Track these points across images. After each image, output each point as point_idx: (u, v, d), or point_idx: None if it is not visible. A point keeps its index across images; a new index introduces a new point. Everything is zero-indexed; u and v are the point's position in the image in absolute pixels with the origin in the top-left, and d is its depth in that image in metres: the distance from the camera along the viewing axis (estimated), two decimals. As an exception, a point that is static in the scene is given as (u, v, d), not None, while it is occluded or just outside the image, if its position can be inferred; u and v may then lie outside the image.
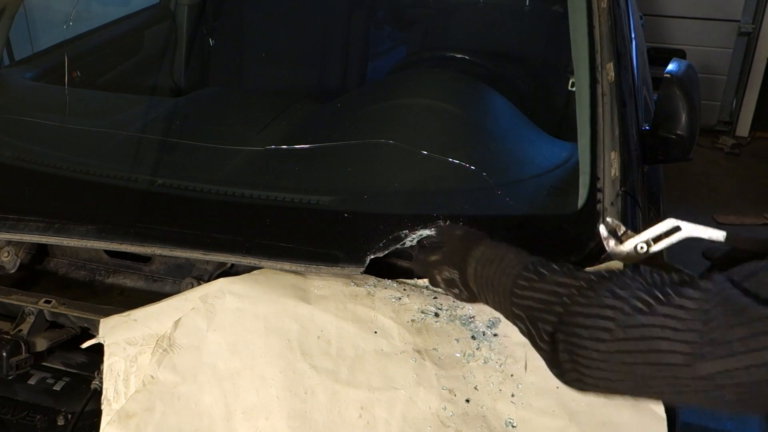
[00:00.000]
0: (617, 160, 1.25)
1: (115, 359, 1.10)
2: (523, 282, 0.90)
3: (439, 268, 1.05)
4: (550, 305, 0.85)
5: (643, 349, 0.74)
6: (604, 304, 0.79)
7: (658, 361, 0.72)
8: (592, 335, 0.79)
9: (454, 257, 1.03)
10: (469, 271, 0.99)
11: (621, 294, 0.78)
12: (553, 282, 0.86)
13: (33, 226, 1.28)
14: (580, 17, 1.35)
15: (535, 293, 0.87)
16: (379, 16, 2.60)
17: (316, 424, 1.01)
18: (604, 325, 0.78)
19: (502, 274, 0.93)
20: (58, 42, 2.06)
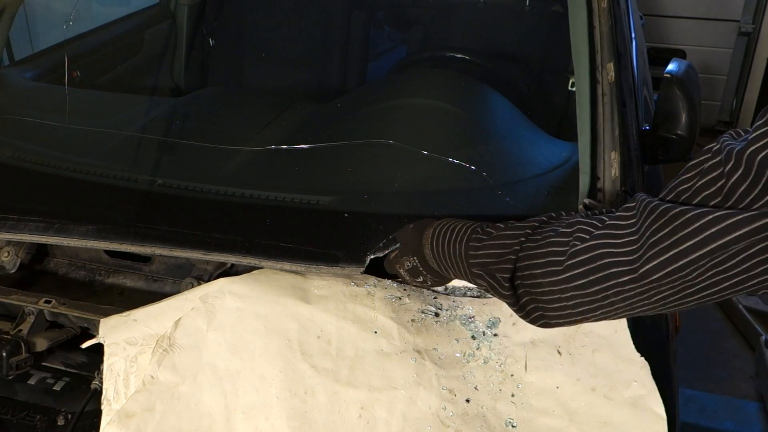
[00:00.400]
0: (617, 160, 1.25)
1: (115, 359, 1.10)
2: (475, 243, 0.97)
3: (400, 261, 1.11)
4: (504, 255, 0.92)
5: (591, 267, 0.81)
6: (551, 241, 0.87)
7: (607, 273, 0.80)
8: (546, 270, 0.86)
9: (409, 246, 1.10)
10: (426, 252, 1.06)
11: (564, 230, 0.87)
12: (502, 236, 0.94)
13: (33, 226, 1.28)
14: (580, 17, 1.35)
15: (488, 249, 0.95)
16: (379, 16, 2.60)
17: (316, 424, 1.01)
18: (554, 258, 0.85)
19: (455, 241, 1.00)
20: (58, 42, 2.06)
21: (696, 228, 0.72)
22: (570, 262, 0.83)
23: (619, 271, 0.78)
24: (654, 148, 1.39)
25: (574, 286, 0.83)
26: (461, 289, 1.18)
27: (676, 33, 4.38)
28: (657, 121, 1.39)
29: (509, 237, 0.93)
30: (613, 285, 0.80)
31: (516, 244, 0.91)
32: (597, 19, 1.34)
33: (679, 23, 4.37)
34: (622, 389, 1.00)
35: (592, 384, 1.02)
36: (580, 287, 0.83)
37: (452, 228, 1.02)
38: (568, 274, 0.83)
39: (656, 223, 0.75)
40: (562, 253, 0.84)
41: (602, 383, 1.02)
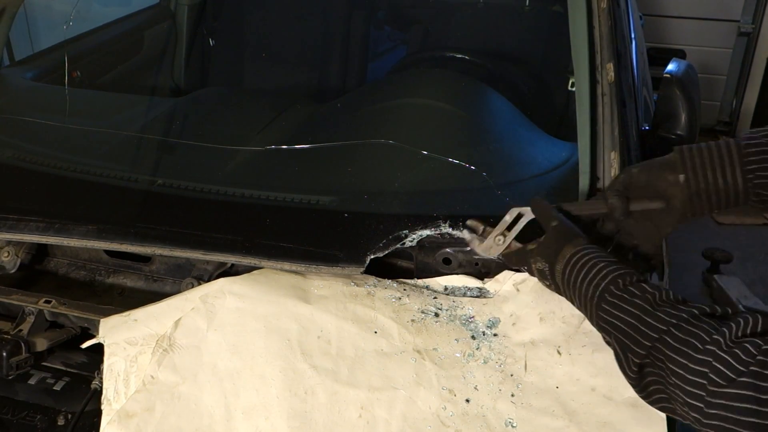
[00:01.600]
0: (617, 161, 1.25)
1: (115, 359, 1.10)
2: (611, 299, 0.90)
3: (535, 258, 1.05)
4: (639, 334, 0.85)
5: (733, 417, 0.76)
6: (693, 356, 0.80)
7: (744, 422, 0.75)
8: (682, 386, 0.80)
9: (546, 250, 1.03)
10: (557, 268, 1.00)
11: (709, 348, 0.79)
12: (643, 309, 0.87)
13: (33, 226, 1.28)
14: (580, 17, 1.35)
15: (624, 314, 0.88)
16: (379, 16, 2.60)
17: (316, 424, 1.01)
18: (694, 380, 0.79)
19: (591, 282, 0.93)
20: (58, 42, 2.06)
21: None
22: (713, 400, 0.77)
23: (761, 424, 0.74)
24: (654, 148, 1.39)
25: (708, 423, 0.79)
26: (461, 289, 1.18)
27: (676, 33, 4.37)
28: (657, 121, 1.39)
29: (650, 316, 0.85)
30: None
31: (655, 330, 0.84)
32: (597, 20, 1.34)
33: (679, 23, 4.37)
34: (622, 389, 1.00)
35: (591, 384, 1.02)
36: (714, 427, 0.78)
37: (593, 263, 0.95)
38: (711, 410, 0.78)
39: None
40: (705, 377, 0.78)
41: (602, 383, 1.02)
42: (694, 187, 1.02)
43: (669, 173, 1.04)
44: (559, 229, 1.04)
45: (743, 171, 0.99)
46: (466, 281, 1.18)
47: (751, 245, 3.47)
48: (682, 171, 1.02)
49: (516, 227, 1.11)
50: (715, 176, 1.01)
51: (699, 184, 1.02)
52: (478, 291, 1.17)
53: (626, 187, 1.07)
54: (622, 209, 1.06)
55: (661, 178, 1.04)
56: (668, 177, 1.04)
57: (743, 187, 1.00)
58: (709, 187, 1.01)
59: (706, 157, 1.01)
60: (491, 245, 1.11)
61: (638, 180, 1.07)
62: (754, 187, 0.99)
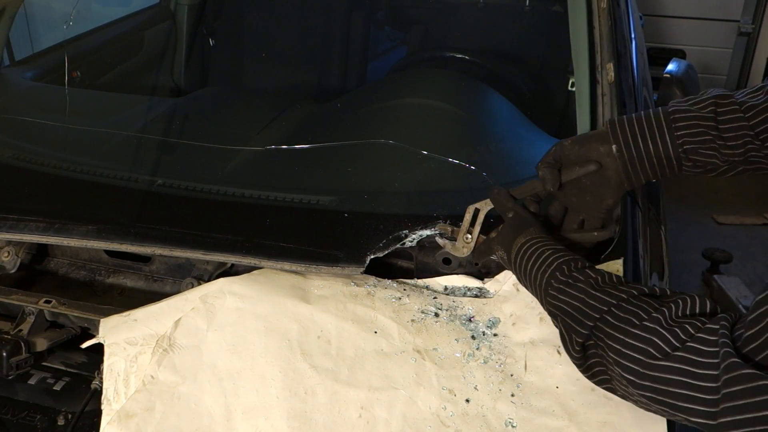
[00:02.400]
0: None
1: (115, 359, 1.10)
2: (556, 284, 0.95)
3: (496, 247, 1.10)
4: (582, 315, 0.90)
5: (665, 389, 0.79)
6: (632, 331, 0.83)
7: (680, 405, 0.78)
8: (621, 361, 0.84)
9: (504, 239, 1.08)
10: (512, 256, 1.05)
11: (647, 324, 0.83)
12: (585, 292, 0.91)
13: (33, 226, 1.28)
14: (580, 17, 1.36)
15: (568, 298, 0.92)
16: (379, 16, 2.60)
17: (316, 424, 1.01)
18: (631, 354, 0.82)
19: (539, 268, 0.98)
20: (58, 42, 2.06)
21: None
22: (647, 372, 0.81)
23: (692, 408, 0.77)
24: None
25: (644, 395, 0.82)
26: (461, 289, 1.18)
27: (676, 33, 4.38)
28: (657, 121, 1.39)
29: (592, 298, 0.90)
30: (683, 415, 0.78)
31: (596, 311, 0.88)
32: (597, 20, 1.34)
33: (679, 23, 4.37)
34: (622, 389, 1.00)
35: (591, 384, 1.02)
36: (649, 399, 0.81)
37: (541, 251, 0.99)
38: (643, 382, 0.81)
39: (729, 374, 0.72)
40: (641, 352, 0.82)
41: (602, 383, 1.02)
42: (627, 155, 1.04)
43: (600, 144, 1.05)
44: (514, 219, 1.09)
45: (672, 137, 1.01)
46: (466, 281, 1.18)
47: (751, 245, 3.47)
48: (613, 141, 1.04)
49: (477, 223, 1.15)
50: (647, 144, 1.03)
51: (632, 153, 1.04)
52: (478, 291, 1.17)
53: (557, 160, 1.09)
54: (552, 180, 1.07)
55: (592, 149, 1.06)
56: (600, 148, 1.05)
57: (674, 153, 1.02)
58: (641, 154, 1.03)
59: (636, 126, 1.03)
60: (462, 245, 1.16)
61: (570, 152, 1.08)
62: (686, 153, 1.02)
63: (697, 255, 3.05)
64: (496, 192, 1.13)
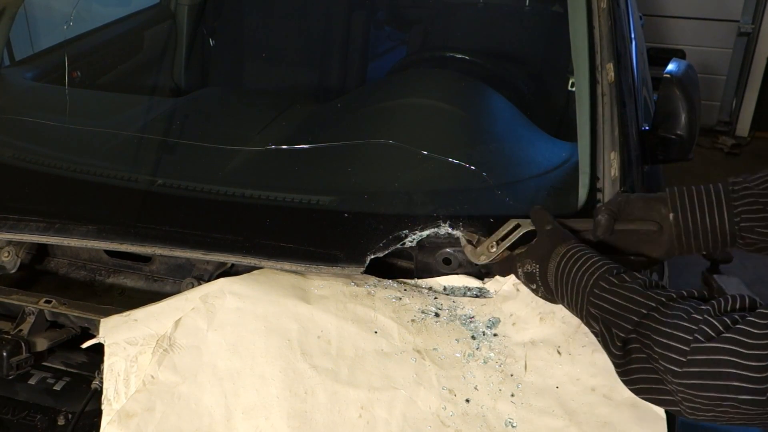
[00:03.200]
0: (617, 160, 1.25)
1: (115, 359, 1.10)
2: (604, 284, 0.93)
3: (523, 261, 1.08)
4: (628, 312, 0.89)
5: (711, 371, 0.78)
6: (678, 323, 0.83)
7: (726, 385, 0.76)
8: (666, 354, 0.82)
9: (538, 251, 1.06)
10: (550, 266, 1.02)
11: (694, 316, 0.82)
12: (634, 291, 0.90)
13: (33, 226, 1.28)
14: (580, 17, 1.35)
15: (615, 297, 0.91)
16: (379, 16, 2.60)
17: (316, 424, 1.01)
18: (677, 345, 0.81)
19: (585, 272, 0.96)
20: (58, 42, 2.06)
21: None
22: (692, 357, 0.80)
23: (740, 387, 0.75)
24: (654, 148, 1.39)
25: (689, 384, 0.80)
26: (461, 289, 1.18)
27: (676, 33, 4.38)
28: (657, 121, 1.39)
29: (640, 296, 0.89)
30: (731, 399, 0.76)
31: (644, 307, 0.88)
32: (597, 20, 1.34)
33: (679, 23, 4.37)
34: (622, 389, 1.00)
35: (592, 384, 1.02)
36: (695, 387, 0.80)
37: (587, 257, 0.99)
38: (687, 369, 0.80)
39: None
40: (685, 342, 0.81)
41: (602, 383, 1.02)
42: (683, 225, 1.05)
43: (663, 207, 1.07)
44: (554, 231, 1.07)
45: (730, 214, 1.02)
46: (466, 281, 1.18)
47: (750, 245, 3.47)
48: (671, 210, 1.05)
49: (511, 237, 1.12)
50: (704, 217, 1.04)
51: (688, 223, 1.05)
52: (478, 291, 1.17)
53: (619, 210, 1.09)
54: (606, 228, 1.07)
55: (655, 209, 1.07)
56: (662, 210, 1.06)
57: (730, 230, 1.03)
58: (697, 227, 1.04)
59: (695, 198, 1.05)
60: (483, 252, 1.13)
61: (634, 206, 1.09)
62: (741, 230, 1.02)
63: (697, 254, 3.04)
64: (538, 209, 1.12)
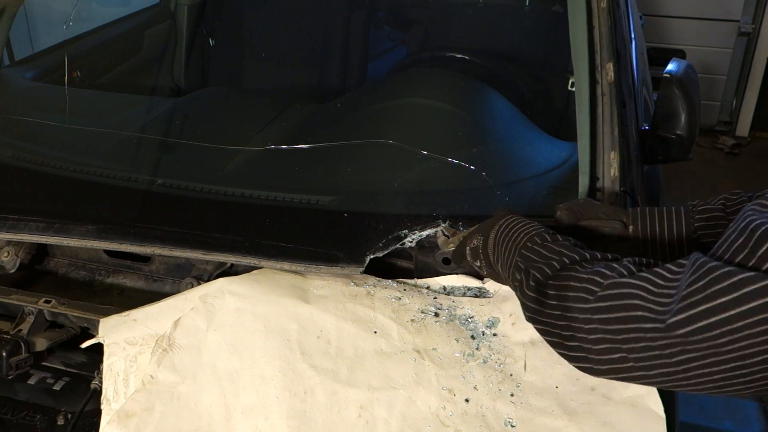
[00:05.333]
0: (617, 160, 1.26)
1: (114, 359, 1.10)
2: (537, 239, 0.96)
3: (471, 237, 1.10)
4: (549, 260, 0.91)
5: (619, 303, 0.78)
6: (596, 270, 0.85)
7: (632, 315, 0.76)
8: (578, 295, 0.84)
9: (484, 226, 1.08)
10: (492, 234, 1.04)
11: (613, 265, 0.85)
12: (563, 246, 0.93)
13: (33, 226, 1.28)
14: (580, 17, 1.36)
15: (543, 250, 0.93)
16: (379, 16, 2.60)
17: (315, 424, 1.01)
18: (591, 287, 0.83)
19: (520, 233, 0.99)
20: (58, 42, 2.06)
21: (732, 283, 0.66)
22: (601, 293, 0.80)
23: (645, 316, 0.74)
24: (653, 148, 1.39)
25: (598, 318, 0.80)
26: (460, 288, 1.18)
27: (676, 33, 4.38)
28: (656, 121, 1.39)
29: (566, 249, 0.91)
30: (635, 329, 0.75)
31: (567, 257, 0.90)
32: (597, 20, 1.34)
33: (679, 23, 4.37)
34: (622, 389, 1.00)
35: (591, 384, 1.02)
36: (603, 321, 0.79)
37: (524, 222, 1.01)
38: (596, 304, 0.80)
39: (695, 275, 0.70)
40: (599, 284, 0.82)
41: (602, 383, 1.02)
42: (641, 237, 1.07)
43: (623, 216, 1.09)
44: (501, 209, 1.09)
45: (689, 229, 1.04)
46: (465, 281, 1.18)
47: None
48: (631, 223, 1.08)
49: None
50: (662, 231, 1.06)
51: (647, 236, 1.07)
52: (477, 291, 1.17)
53: (580, 211, 1.11)
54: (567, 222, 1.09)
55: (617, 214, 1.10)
56: (623, 218, 1.09)
57: (687, 244, 1.04)
58: (655, 240, 1.06)
59: (656, 214, 1.08)
60: (453, 241, 1.15)
61: (597, 209, 1.12)
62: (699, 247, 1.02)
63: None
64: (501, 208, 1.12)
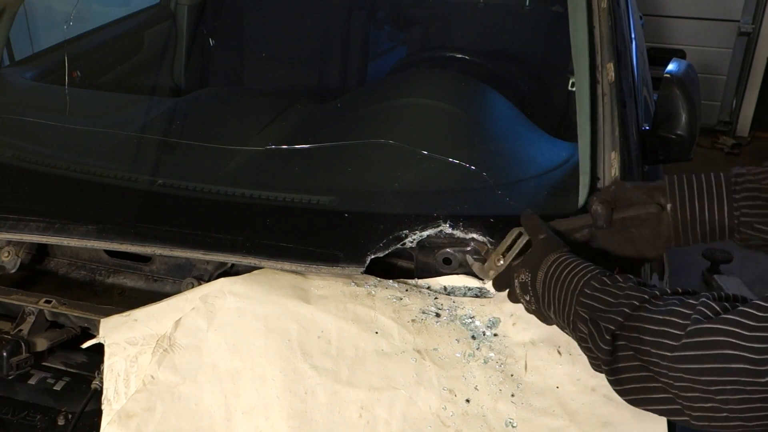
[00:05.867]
0: (617, 160, 1.25)
1: (115, 359, 1.10)
2: (595, 283, 0.90)
3: (518, 271, 1.04)
4: (617, 306, 0.85)
5: (709, 353, 0.73)
6: (672, 309, 0.79)
7: (726, 367, 0.72)
8: (658, 340, 0.78)
9: (531, 260, 1.02)
10: (540, 273, 0.99)
11: (689, 302, 0.79)
12: (625, 287, 0.87)
13: (33, 226, 1.28)
14: (580, 17, 1.36)
15: (605, 296, 0.88)
16: (379, 16, 2.60)
17: (316, 424, 1.01)
18: (670, 330, 0.77)
19: (575, 276, 0.94)
20: (58, 42, 2.06)
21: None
22: (687, 341, 0.75)
23: (741, 368, 0.70)
24: (654, 148, 1.39)
25: (685, 368, 0.75)
26: (461, 289, 1.18)
27: (676, 33, 4.38)
28: (657, 121, 1.39)
29: (631, 290, 0.86)
30: (731, 381, 0.71)
31: (635, 299, 0.84)
32: (597, 20, 1.34)
33: (679, 23, 4.37)
34: (622, 389, 1.00)
35: (592, 384, 1.02)
36: (692, 372, 0.75)
37: (576, 263, 0.96)
38: (682, 353, 0.75)
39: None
40: (680, 327, 0.76)
41: (602, 383, 1.02)
42: (681, 216, 1.01)
43: (662, 195, 1.03)
44: (546, 240, 1.03)
45: (730, 207, 0.98)
46: (466, 281, 1.18)
47: (750, 246, 3.46)
48: (670, 200, 1.02)
49: (515, 248, 1.07)
50: (703, 208, 1.00)
51: (686, 215, 1.01)
52: (478, 291, 1.17)
53: (614, 199, 1.07)
54: (605, 217, 1.05)
55: (653, 197, 1.04)
56: (660, 198, 1.03)
57: (729, 224, 0.99)
58: (695, 218, 1.01)
59: (695, 188, 1.01)
60: (491, 267, 1.09)
61: (630, 194, 1.06)
62: (740, 225, 0.98)
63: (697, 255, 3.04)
64: (528, 215, 1.08)
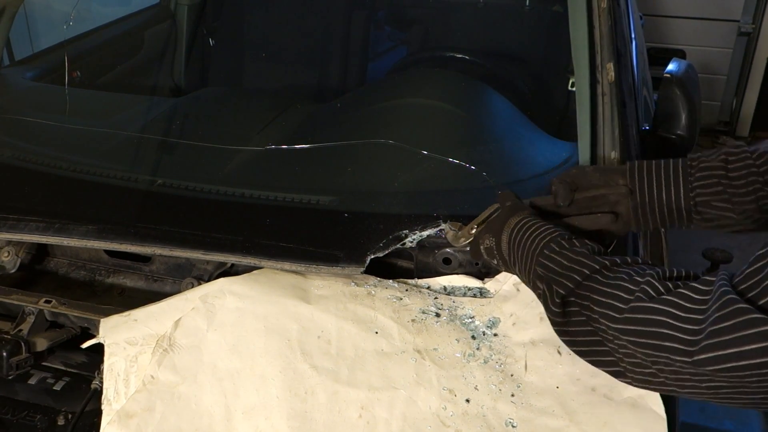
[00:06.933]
0: (617, 161, 1.25)
1: (115, 359, 1.10)
2: (554, 245, 0.94)
3: (482, 237, 1.08)
4: (570, 272, 0.89)
5: (647, 330, 0.78)
6: (620, 284, 0.84)
7: (661, 344, 0.77)
8: (604, 311, 0.83)
9: (494, 225, 1.07)
10: (503, 237, 1.03)
11: (636, 278, 0.83)
12: (580, 254, 0.91)
13: (33, 226, 1.28)
14: (580, 17, 1.36)
15: (561, 258, 0.92)
16: (379, 16, 2.60)
17: (316, 424, 1.01)
18: (616, 303, 0.82)
19: (536, 238, 0.97)
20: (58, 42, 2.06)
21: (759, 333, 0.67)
22: (629, 315, 0.80)
23: (673, 347, 0.75)
24: (654, 148, 1.39)
25: (627, 340, 0.81)
26: (461, 289, 1.18)
27: (676, 33, 4.37)
28: (657, 121, 1.39)
29: (585, 258, 0.90)
30: (664, 357, 0.76)
31: (588, 268, 0.88)
32: (597, 19, 1.34)
33: (679, 23, 4.37)
34: (622, 389, 1.00)
35: (592, 384, 1.02)
36: (633, 343, 0.80)
37: (537, 225, 0.99)
38: (624, 326, 0.81)
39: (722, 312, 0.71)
40: (625, 301, 0.81)
41: (602, 383, 1.02)
42: (639, 198, 1.05)
43: (621, 178, 1.07)
44: (509, 206, 1.07)
45: (686, 188, 1.02)
46: (466, 281, 1.18)
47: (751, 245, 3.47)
48: (629, 183, 1.05)
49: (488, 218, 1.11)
50: (660, 190, 1.04)
51: (644, 198, 1.04)
52: (478, 291, 1.17)
53: (575, 181, 1.09)
54: (564, 196, 1.07)
55: (613, 180, 1.07)
56: (620, 181, 1.07)
57: (686, 205, 1.02)
58: (653, 200, 1.04)
59: (654, 171, 1.04)
60: (463, 235, 1.13)
61: (591, 178, 1.09)
62: (697, 205, 1.02)
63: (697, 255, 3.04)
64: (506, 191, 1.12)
